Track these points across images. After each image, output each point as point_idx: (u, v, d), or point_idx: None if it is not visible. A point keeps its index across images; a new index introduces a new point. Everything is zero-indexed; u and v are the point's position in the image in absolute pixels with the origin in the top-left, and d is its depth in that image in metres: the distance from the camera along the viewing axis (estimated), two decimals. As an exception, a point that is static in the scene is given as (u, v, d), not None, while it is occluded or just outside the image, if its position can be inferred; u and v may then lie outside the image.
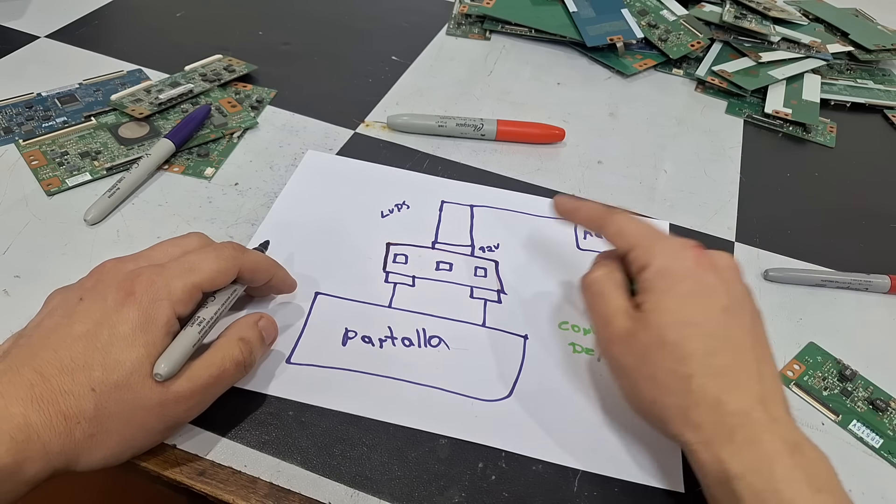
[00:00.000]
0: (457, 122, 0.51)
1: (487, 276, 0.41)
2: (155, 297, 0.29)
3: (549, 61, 0.62)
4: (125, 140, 0.47)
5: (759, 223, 0.48)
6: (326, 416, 0.33)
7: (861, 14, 0.73)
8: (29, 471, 0.26)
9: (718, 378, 0.29)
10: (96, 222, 0.41)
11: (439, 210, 0.45)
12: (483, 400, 0.35)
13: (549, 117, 0.54)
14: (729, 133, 0.56)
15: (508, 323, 0.39)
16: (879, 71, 0.67)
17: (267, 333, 0.34)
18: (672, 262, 0.31)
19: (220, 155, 0.47)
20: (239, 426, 0.32)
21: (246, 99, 0.52)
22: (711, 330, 0.30)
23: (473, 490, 0.31)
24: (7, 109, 0.49)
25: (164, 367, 0.29)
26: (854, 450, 0.35)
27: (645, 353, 0.30)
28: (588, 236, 0.45)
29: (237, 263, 0.33)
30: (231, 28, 0.61)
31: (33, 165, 0.44)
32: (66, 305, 0.30)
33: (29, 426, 0.26)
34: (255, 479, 0.31)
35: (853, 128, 0.59)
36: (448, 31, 0.64)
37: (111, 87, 0.52)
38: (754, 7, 0.65)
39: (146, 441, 0.30)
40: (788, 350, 0.40)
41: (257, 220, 0.43)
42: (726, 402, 0.28)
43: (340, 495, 0.31)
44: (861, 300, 0.43)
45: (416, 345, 0.37)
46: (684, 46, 0.63)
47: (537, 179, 0.49)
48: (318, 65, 0.58)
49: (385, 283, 0.40)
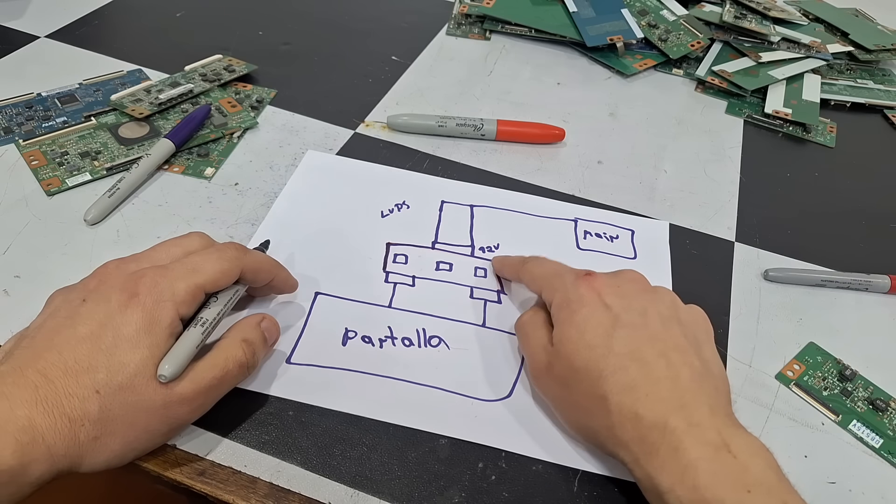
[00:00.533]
0: (457, 122, 0.51)
1: (487, 276, 0.41)
2: (158, 298, 0.29)
3: (549, 61, 0.62)
4: (125, 140, 0.47)
5: (759, 223, 0.48)
6: (326, 416, 0.33)
7: (861, 14, 0.73)
8: (33, 473, 0.26)
9: (631, 393, 0.29)
10: (96, 222, 0.41)
11: (439, 210, 0.45)
12: (483, 400, 0.35)
13: (549, 117, 0.54)
14: (729, 133, 0.56)
15: (508, 323, 0.39)
16: (879, 71, 0.67)
17: (269, 334, 0.34)
18: (568, 294, 0.33)
19: (220, 155, 0.47)
20: (239, 426, 0.32)
21: (246, 99, 0.52)
22: (613, 347, 0.30)
23: (473, 490, 0.31)
24: (7, 109, 0.49)
25: (167, 368, 0.29)
26: (854, 450, 0.35)
27: (564, 382, 0.32)
28: (588, 236, 0.45)
29: (239, 264, 0.33)
30: (231, 28, 0.61)
31: (33, 165, 0.44)
32: (69, 306, 0.30)
33: (34, 428, 0.26)
34: (255, 479, 0.31)
35: (853, 128, 0.59)
36: (448, 31, 0.64)
37: (111, 87, 0.52)
38: (754, 7, 0.65)
39: (150, 443, 0.30)
40: (788, 350, 0.40)
41: (257, 220, 0.43)
42: (643, 416, 0.28)
43: (340, 495, 0.31)
44: (861, 300, 0.43)
45: (416, 345, 0.37)
46: (684, 46, 0.63)
47: (537, 179, 0.49)
48: (318, 65, 0.58)
49: (385, 283, 0.40)
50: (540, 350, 0.34)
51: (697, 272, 0.43)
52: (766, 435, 0.35)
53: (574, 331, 0.32)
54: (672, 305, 0.33)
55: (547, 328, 0.34)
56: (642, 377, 0.30)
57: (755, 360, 0.39)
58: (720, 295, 0.42)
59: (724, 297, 0.42)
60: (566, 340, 0.32)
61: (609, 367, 0.30)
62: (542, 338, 0.34)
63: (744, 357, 0.39)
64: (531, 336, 0.35)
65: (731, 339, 0.40)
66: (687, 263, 0.44)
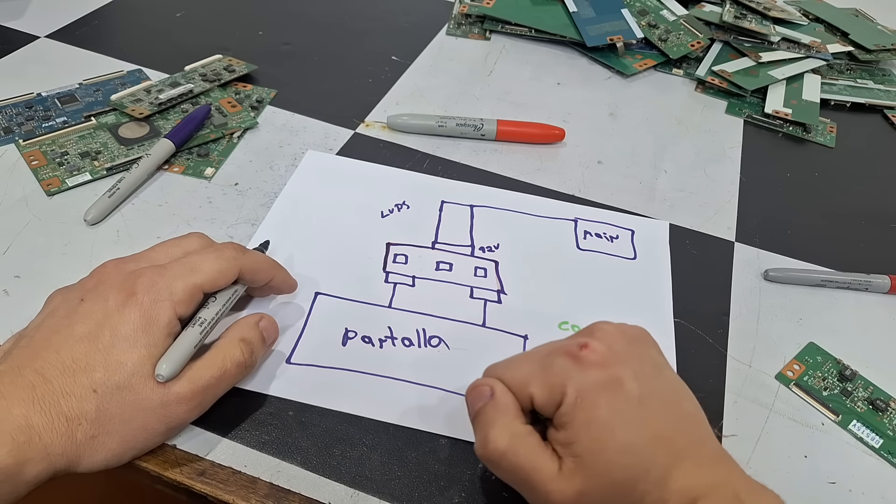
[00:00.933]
0: (457, 122, 0.51)
1: (487, 276, 0.41)
2: (156, 297, 0.29)
3: (549, 61, 0.62)
4: (125, 140, 0.47)
5: (759, 223, 0.48)
6: (326, 416, 0.33)
7: (861, 14, 0.73)
8: (30, 472, 0.26)
9: (660, 486, 0.26)
10: (96, 222, 0.41)
11: (439, 210, 0.45)
12: (483, 400, 0.35)
13: (549, 117, 0.54)
14: (729, 133, 0.56)
15: (508, 323, 0.39)
16: (879, 71, 0.67)
17: (268, 334, 0.34)
18: (579, 384, 0.27)
19: (220, 155, 0.47)
20: (239, 426, 0.32)
21: (246, 99, 0.52)
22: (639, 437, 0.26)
23: (473, 490, 0.31)
24: (7, 109, 0.49)
25: (165, 367, 0.29)
26: (854, 450, 0.35)
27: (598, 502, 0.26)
28: (588, 236, 0.45)
29: (238, 264, 0.33)
30: (231, 28, 0.61)
31: (33, 165, 0.44)
32: (67, 306, 0.30)
33: (30, 427, 0.26)
34: (255, 479, 0.31)
35: (853, 128, 0.59)
36: (448, 31, 0.64)
37: (111, 87, 0.52)
38: (754, 7, 0.65)
39: (147, 442, 0.30)
40: (788, 350, 0.40)
41: (257, 220, 0.43)
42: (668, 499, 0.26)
43: (340, 495, 0.31)
44: (861, 300, 0.43)
45: (416, 345, 0.37)
46: (684, 46, 0.63)
47: (537, 179, 0.49)
48: (318, 65, 0.58)
49: (385, 283, 0.40)
50: (552, 482, 0.26)
51: (697, 272, 0.43)
52: (765, 435, 0.35)
53: (606, 434, 0.26)
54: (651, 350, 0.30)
55: (548, 448, 0.27)
56: (669, 458, 0.26)
57: (755, 361, 0.39)
58: (720, 295, 0.42)
59: (724, 297, 0.42)
60: (598, 450, 0.26)
61: (644, 465, 0.26)
62: (550, 463, 0.27)
63: (744, 357, 0.39)
64: (535, 468, 0.27)
65: (731, 340, 0.40)
66: (687, 263, 0.44)
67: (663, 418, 0.27)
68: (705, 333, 0.40)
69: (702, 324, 0.40)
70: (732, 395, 0.37)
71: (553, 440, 0.27)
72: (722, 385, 0.37)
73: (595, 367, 0.27)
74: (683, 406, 0.28)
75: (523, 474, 0.27)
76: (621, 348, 0.29)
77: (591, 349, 0.28)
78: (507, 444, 0.27)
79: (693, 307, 0.41)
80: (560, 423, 0.27)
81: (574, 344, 0.28)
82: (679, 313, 0.40)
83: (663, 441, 0.26)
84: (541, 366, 0.28)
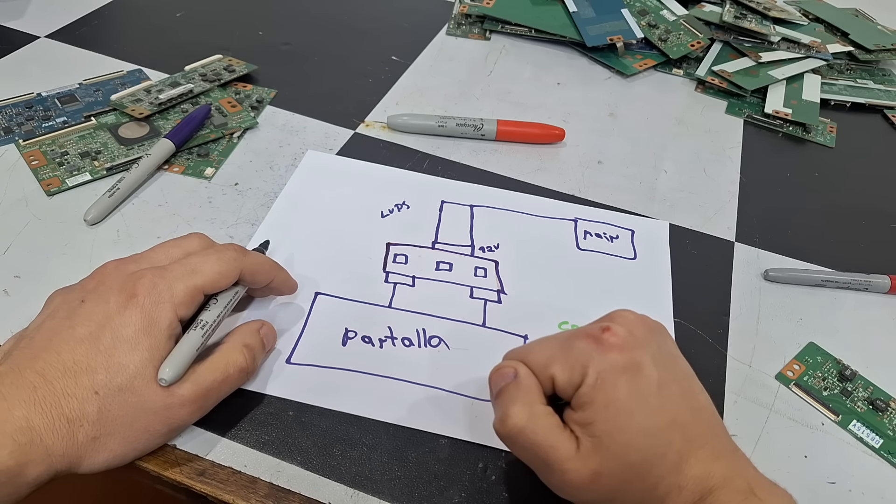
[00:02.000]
0: (457, 122, 0.51)
1: (487, 276, 0.41)
2: (157, 299, 0.29)
3: (549, 61, 0.62)
4: (125, 140, 0.47)
5: (759, 223, 0.48)
6: (326, 416, 0.33)
7: (861, 14, 0.73)
8: (31, 473, 0.26)
9: (675, 471, 0.26)
10: (96, 222, 0.41)
11: (439, 210, 0.45)
12: (483, 400, 0.35)
13: (549, 117, 0.54)
14: (729, 133, 0.56)
15: (508, 323, 0.39)
16: (879, 71, 0.67)
17: (267, 341, 0.34)
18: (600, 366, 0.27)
19: (220, 155, 0.47)
20: (239, 426, 0.32)
21: (246, 99, 0.52)
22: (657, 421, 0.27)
23: (473, 490, 0.31)
24: (7, 109, 0.49)
25: (168, 372, 0.29)
26: (854, 450, 0.35)
27: (616, 486, 0.27)
28: (588, 236, 0.45)
29: (239, 265, 0.33)
30: (231, 28, 0.61)
31: (33, 165, 0.44)
32: (67, 307, 0.30)
33: (31, 429, 0.26)
34: (255, 479, 0.31)
35: (853, 128, 0.59)
36: (448, 31, 0.64)
37: (111, 87, 0.52)
38: (754, 7, 0.65)
39: (149, 443, 0.30)
40: (788, 350, 0.40)
41: (257, 221, 0.43)
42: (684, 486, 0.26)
43: (340, 495, 0.31)
44: (861, 300, 0.43)
45: (416, 345, 0.37)
46: (684, 46, 0.63)
47: (537, 179, 0.49)
48: (318, 65, 0.58)
49: (385, 283, 0.40)
50: (569, 461, 0.27)
51: (697, 272, 0.43)
52: (766, 435, 0.35)
53: (625, 416, 0.26)
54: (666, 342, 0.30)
55: (566, 429, 0.28)
56: (686, 445, 0.27)
57: (755, 361, 0.39)
58: (720, 295, 0.42)
59: (724, 297, 0.42)
60: (616, 431, 0.26)
61: (661, 449, 0.26)
62: (568, 444, 0.27)
63: (744, 357, 0.39)
64: (553, 447, 0.27)
65: (731, 340, 0.40)
66: (687, 263, 0.44)
67: (680, 405, 0.27)
68: (705, 333, 0.40)
69: (702, 324, 0.40)
70: (732, 395, 0.37)
71: (571, 421, 0.28)
72: (722, 385, 0.37)
73: (616, 349, 0.28)
74: (699, 397, 0.29)
75: (541, 452, 0.27)
76: (641, 335, 0.29)
77: (612, 332, 0.28)
78: (525, 421, 0.27)
79: (693, 307, 0.41)
80: (579, 404, 0.27)
81: (596, 327, 0.29)
82: (679, 313, 0.40)
83: (680, 427, 0.27)
84: (562, 348, 0.29)
